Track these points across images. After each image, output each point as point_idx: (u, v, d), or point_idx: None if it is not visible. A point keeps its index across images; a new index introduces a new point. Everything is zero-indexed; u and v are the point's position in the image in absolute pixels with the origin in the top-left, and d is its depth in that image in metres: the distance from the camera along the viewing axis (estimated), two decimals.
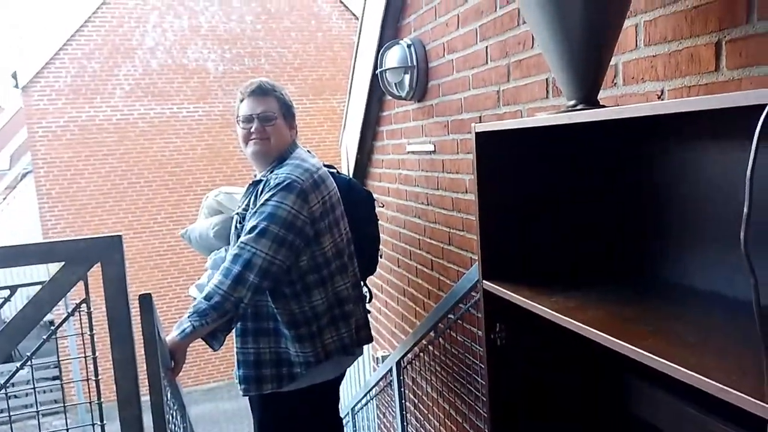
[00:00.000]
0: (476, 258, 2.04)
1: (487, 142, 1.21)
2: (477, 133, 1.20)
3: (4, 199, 13.06)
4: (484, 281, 1.25)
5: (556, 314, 1.00)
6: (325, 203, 1.80)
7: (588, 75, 1.05)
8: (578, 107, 1.05)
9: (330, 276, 1.82)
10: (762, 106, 0.59)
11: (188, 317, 1.66)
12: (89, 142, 9.02)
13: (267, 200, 1.70)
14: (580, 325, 0.94)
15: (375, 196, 2.30)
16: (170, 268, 9.45)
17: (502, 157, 1.23)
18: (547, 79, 1.54)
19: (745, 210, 0.62)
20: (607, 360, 1.24)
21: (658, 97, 1.18)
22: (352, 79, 3.25)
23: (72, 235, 8.28)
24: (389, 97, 2.70)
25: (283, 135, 1.91)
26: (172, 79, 9.37)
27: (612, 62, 1.26)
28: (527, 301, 1.09)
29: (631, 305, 1.04)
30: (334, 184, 1.89)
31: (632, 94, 1.26)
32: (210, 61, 9.53)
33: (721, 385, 0.68)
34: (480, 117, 1.91)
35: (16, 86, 8.62)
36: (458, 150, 2.12)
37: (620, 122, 1.16)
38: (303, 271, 1.77)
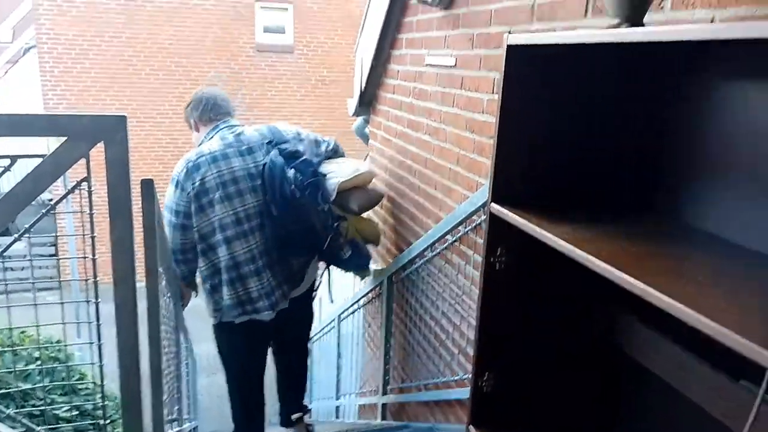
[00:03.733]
0: (483, 182, 2.01)
1: (517, 58, 1.13)
2: (509, 46, 1.12)
3: (6, 73, 12.76)
4: (492, 204, 1.22)
5: (564, 243, 0.97)
6: (203, 184, 2.21)
7: None
8: (623, 26, 0.97)
9: (225, 241, 2.22)
10: None
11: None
12: (96, 21, 8.68)
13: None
14: (587, 256, 0.92)
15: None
16: (171, 162, 9.41)
17: (531, 76, 1.15)
18: None
19: None
20: (606, 298, 1.24)
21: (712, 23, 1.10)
22: None
23: None
24: (414, 1, 2.54)
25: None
26: None
27: None
28: (536, 228, 1.06)
29: (643, 243, 1.01)
30: (220, 167, 2.23)
31: (679, 20, 1.17)
32: None
33: (724, 329, 0.66)
34: (510, 32, 1.80)
35: None
36: (481, 66, 2.02)
37: (661, 49, 1.08)
38: (197, 237, 2.25)
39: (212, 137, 2.33)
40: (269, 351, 2.69)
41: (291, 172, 2.21)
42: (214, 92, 2.47)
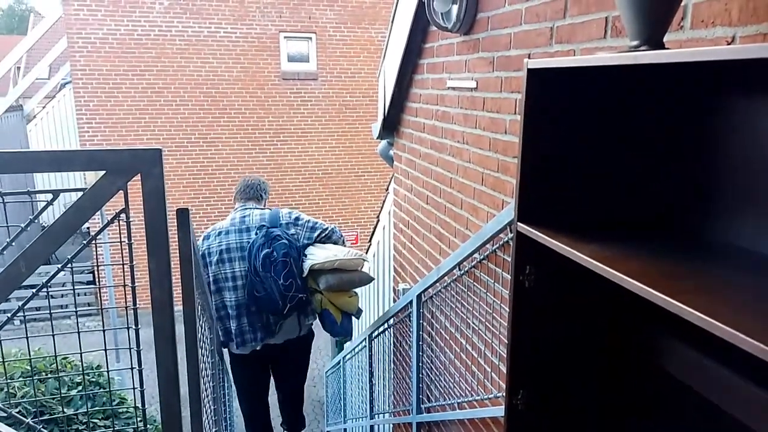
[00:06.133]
0: (508, 200, 2.03)
1: (538, 80, 1.15)
2: (529, 70, 1.14)
3: (44, 108, 13.30)
4: (518, 223, 1.23)
5: (593, 261, 0.99)
6: (209, 249, 3.03)
7: (656, 14, 0.98)
8: (642, 48, 0.99)
9: (218, 291, 3.02)
10: None
11: None
12: (127, 57, 9.02)
13: None
14: (617, 273, 0.92)
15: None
16: (202, 188, 9.64)
17: (552, 97, 1.18)
18: (607, 18, 1.46)
19: None
20: (634, 314, 1.24)
21: (728, 44, 1.11)
22: (396, 5, 3.13)
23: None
24: (434, 28, 2.60)
25: None
26: None
27: (682, 2, 1.18)
28: (564, 246, 1.07)
29: (672, 260, 1.01)
30: (221, 239, 3.02)
31: (699, 39, 1.18)
32: None
33: (760, 344, 0.66)
34: (529, 55, 1.83)
35: None
36: (502, 88, 2.05)
37: (682, 69, 1.10)
38: (206, 284, 2.82)
39: (230, 215, 3.15)
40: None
41: (264, 252, 2.87)
42: (246, 182, 3.24)
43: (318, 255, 2.94)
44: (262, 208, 3.12)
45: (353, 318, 3.23)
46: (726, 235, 1.05)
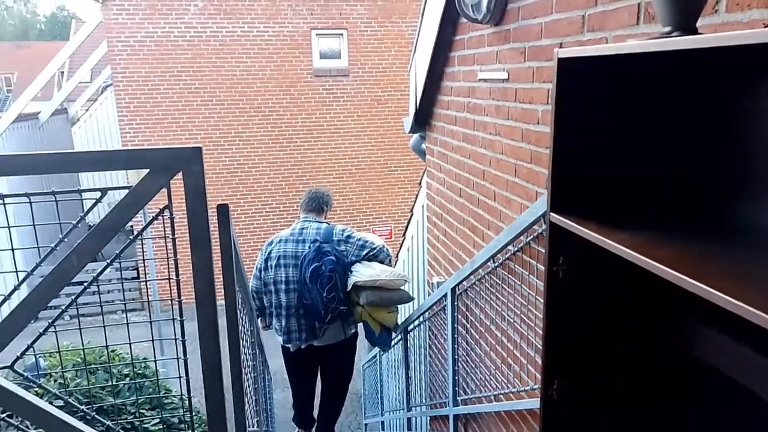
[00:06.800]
0: (542, 191, 2.02)
1: (569, 70, 1.15)
2: (560, 59, 1.15)
3: (87, 110, 13.78)
4: (551, 213, 1.24)
5: (624, 249, 0.99)
6: (269, 254, 3.36)
7: None
8: (674, 34, 0.98)
9: (276, 291, 3.37)
10: None
11: None
12: (165, 59, 9.25)
13: None
14: (648, 260, 0.92)
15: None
16: (239, 186, 9.84)
17: (584, 86, 1.17)
18: (639, 4, 1.44)
19: None
20: (667, 301, 1.23)
21: (765, 27, 1.09)
22: None
23: None
24: (464, 20, 2.59)
25: None
26: None
27: None
28: (594, 235, 1.07)
29: (704, 246, 1.01)
30: (281, 247, 3.35)
31: (734, 23, 1.16)
32: None
33: None
34: (561, 44, 1.82)
35: (97, 0, 8.85)
36: (534, 78, 2.04)
37: (717, 55, 1.08)
38: (263, 284, 3.42)
39: (293, 225, 3.45)
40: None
41: (314, 266, 3.17)
42: (310, 194, 3.54)
43: (362, 273, 3.22)
44: (320, 221, 3.43)
45: (390, 331, 3.57)
46: (755, 219, 1.03)
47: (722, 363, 1.13)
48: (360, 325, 3.56)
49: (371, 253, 3.30)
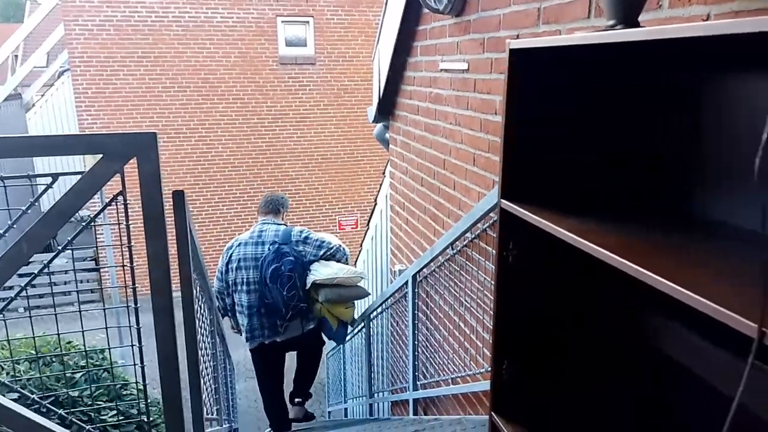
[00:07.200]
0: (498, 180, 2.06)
1: (521, 61, 1.18)
2: (512, 50, 1.17)
3: (42, 96, 13.29)
4: (502, 200, 1.27)
5: (569, 234, 1.02)
6: (230, 257, 3.49)
7: None
8: (618, 27, 1.02)
9: (237, 292, 3.51)
10: None
11: None
12: (125, 43, 8.99)
13: None
14: (591, 245, 0.96)
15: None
16: (201, 174, 9.67)
17: (535, 77, 1.21)
18: None
19: (765, 137, 0.62)
20: (615, 287, 1.28)
21: (704, 21, 1.14)
22: None
23: None
24: (426, 10, 2.61)
25: None
26: None
27: None
28: (541, 220, 1.11)
29: (646, 233, 1.05)
30: (240, 250, 3.47)
31: (677, 17, 1.21)
32: None
33: (714, 304, 0.70)
34: (518, 35, 1.86)
35: None
36: (492, 69, 2.07)
37: (660, 48, 1.12)
38: (226, 286, 3.58)
39: (252, 228, 3.57)
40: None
41: (273, 266, 3.33)
42: (267, 197, 3.68)
43: (321, 271, 3.39)
44: (278, 223, 3.57)
45: (347, 326, 3.78)
46: (706, 210, 1.09)
47: (668, 346, 1.19)
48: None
49: (329, 253, 3.47)
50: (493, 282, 2.07)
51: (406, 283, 2.99)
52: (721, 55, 1.05)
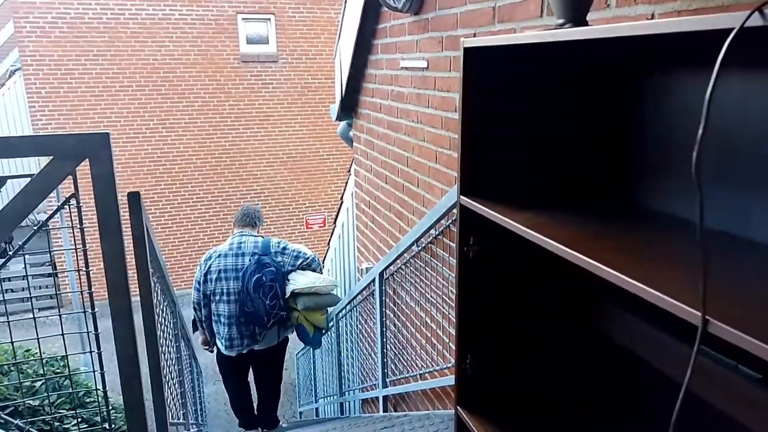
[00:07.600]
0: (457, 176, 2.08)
1: (475, 59, 1.20)
2: (465, 49, 1.19)
3: None
4: (461, 196, 1.29)
5: (522, 227, 1.05)
6: (209, 268, 3.54)
7: None
8: (566, 26, 1.05)
9: (216, 302, 3.57)
10: (729, 30, 0.61)
11: None
12: (79, 41, 8.72)
13: None
14: (542, 237, 0.99)
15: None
16: (163, 175, 9.47)
17: (489, 74, 1.23)
18: None
19: (700, 132, 0.65)
20: (576, 281, 1.31)
21: (648, 20, 1.18)
22: None
23: None
24: (385, 9, 2.62)
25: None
26: None
27: None
28: (498, 215, 1.14)
29: (599, 225, 1.08)
30: (220, 261, 3.53)
31: (623, 16, 1.25)
32: None
33: (660, 294, 0.73)
34: (474, 34, 1.88)
35: None
36: (451, 67, 2.10)
37: (608, 46, 1.16)
38: (203, 297, 3.61)
39: (229, 239, 3.64)
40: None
41: (256, 277, 3.43)
42: (243, 210, 3.76)
43: (299, 281, 3.56)
44: (256, 235, 3.68)
45: (322, 331, 3.95)
46: (658, 203, 1.13)
47: (624, 337, 1.23)
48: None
49: (305, 263, 3.63)
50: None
51: (373, 280, 3.00)
52: (664, 51, 1.09)
